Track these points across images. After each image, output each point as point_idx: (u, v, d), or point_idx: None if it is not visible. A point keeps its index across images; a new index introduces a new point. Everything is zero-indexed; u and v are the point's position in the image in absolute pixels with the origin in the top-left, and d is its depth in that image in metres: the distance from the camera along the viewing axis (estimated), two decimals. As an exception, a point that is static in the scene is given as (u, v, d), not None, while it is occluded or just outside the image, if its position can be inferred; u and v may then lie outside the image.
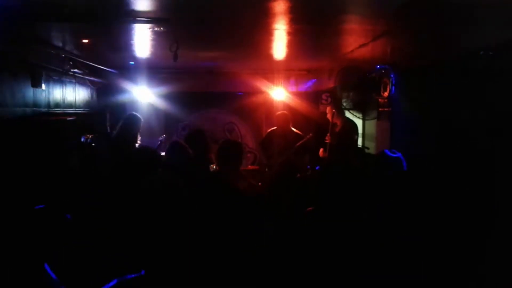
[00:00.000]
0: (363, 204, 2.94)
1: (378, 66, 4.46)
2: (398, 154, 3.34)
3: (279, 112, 6.65)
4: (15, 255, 2.21)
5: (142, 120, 5.91)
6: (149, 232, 2.74)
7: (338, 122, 5.72)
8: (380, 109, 4.74)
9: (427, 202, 3.20)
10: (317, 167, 5.58)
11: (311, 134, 6.20)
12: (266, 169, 6.24)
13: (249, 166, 7.78)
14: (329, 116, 5.86)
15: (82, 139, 4.83)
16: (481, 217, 2.84)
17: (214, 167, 4.72)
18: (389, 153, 3.40)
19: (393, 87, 4.22)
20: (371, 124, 5.39)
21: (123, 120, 5.87)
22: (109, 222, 3.26)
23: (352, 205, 2.90)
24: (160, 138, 6.38)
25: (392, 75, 4.23)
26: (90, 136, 4.89)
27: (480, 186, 2.87)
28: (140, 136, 5.90)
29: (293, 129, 6.45)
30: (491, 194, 2.76)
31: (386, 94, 4.36)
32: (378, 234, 2.81)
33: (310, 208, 3.03)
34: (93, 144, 4.87)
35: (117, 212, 3.23)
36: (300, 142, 6.16)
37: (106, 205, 3.45)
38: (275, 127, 6.56)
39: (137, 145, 5.79)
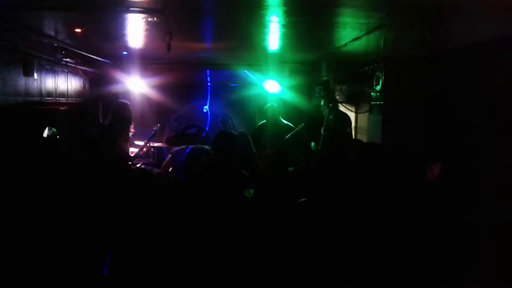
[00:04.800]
0: (356, 194, 2.99)
1: (371, 60, 4.49)
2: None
3: (268, 105, 6.69)
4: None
5: (131, 106, 5.85)
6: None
7: (332, 115, 5.74)
8: (372, 102, 4.77)
9: (418, 194, 3.24)
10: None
11: (302, 124, 6.22)
12: (258, 161, 6.25)
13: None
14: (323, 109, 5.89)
15: (47, 132, 4.66)
16: (470, 208, 2.89)
17: None
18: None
19: (385, 80, 4.25)
20: (364, 118, 5.42)
21: (114, 108, 5.82)
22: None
23: (346, 196, 2.95)
24: (154, 128, 6.34)
25: (384, 69, 4.25)
26: (54, 129, 4.74)
27: (471, 179, 2.91)
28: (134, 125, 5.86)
29: (283, 121, 6.49)
30: (481, 186, 2.81)
31: (378, 87, 4.39)
32: (370, 225, 2.86)
33: (302, 199, 3.07)
34: (57, 137, 4.74)
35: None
36: (292, 132, 6.19)
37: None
38: (265, 120, 6.61)
39: (130, 134, 5.76)
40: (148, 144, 6.27)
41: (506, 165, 2.55)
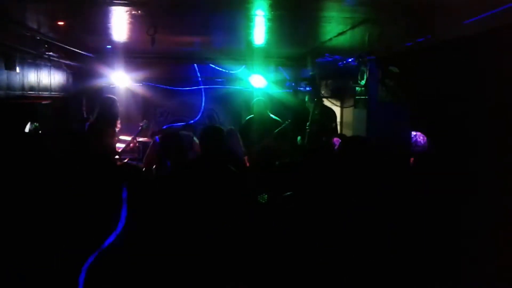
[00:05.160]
0: (344, 188, 3.01)
1: (356, 55, 4.51)
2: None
3: (256, 99, 6.67)
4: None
5: (118, 101, 5.81)
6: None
7: (317, 110, 5.76)
8: (357, 97, 4.80)
9: (402, 186, 3.28)
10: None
11: (289, 120, 6.24)
12: (246, 156, 6.26)
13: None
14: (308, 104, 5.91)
15: (29, 126, 4.59)
16: (457, 200, 2.93)
17: None
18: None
19: (369, 75, 4.28)
20: (349, 112, 5.45)
21: (100, 103, 5.77)
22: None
23: (333, 189, 2.97)
24: (141, 124, 6.31)
25: (369, 64, 4.28)
26: (35, 124, 4.67)
27: (456, 171, 2.96)
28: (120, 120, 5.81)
29: (271, 115, 6.48)
30: (467, 178, 2.85)
31: (363, 82, 4.42)
32: (357, 218, 2.89)
33: (288, 193, 3.08)
34: (40, 132, 4.65)
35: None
36: (279, 128, 6.20)
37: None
38: (252, 115, 6.58)
39: (117, 129, 5.72)
40: (135, 140, 6.24)
41: (495, 161, 2.60)
